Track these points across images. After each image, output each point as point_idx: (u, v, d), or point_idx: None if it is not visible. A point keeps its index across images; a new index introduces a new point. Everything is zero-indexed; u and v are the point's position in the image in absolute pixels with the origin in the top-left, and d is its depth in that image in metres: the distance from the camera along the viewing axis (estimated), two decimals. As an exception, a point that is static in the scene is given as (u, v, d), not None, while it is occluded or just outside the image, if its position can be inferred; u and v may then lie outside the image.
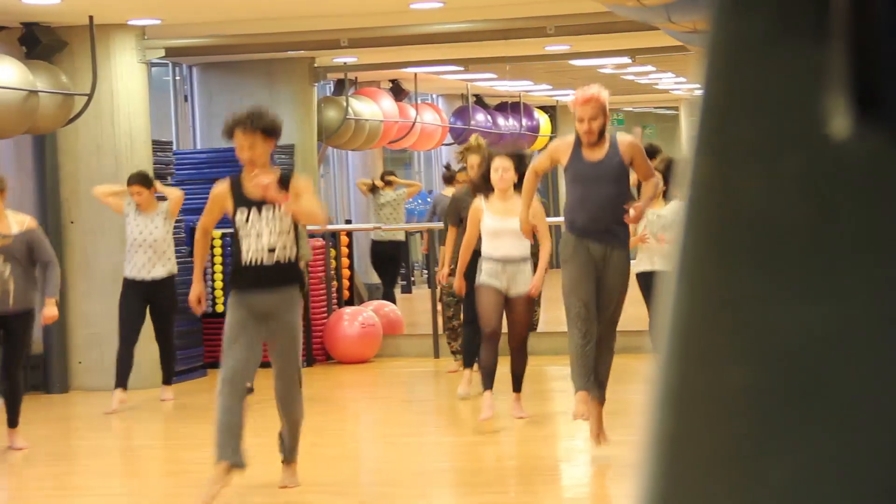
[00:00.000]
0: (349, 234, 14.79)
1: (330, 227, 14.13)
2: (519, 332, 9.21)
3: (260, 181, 6.90)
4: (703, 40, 0.84)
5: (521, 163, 9.05)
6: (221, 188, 7.33)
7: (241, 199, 7.18)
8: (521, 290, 9.10)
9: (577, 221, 7.87)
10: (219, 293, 13.40)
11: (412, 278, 21.00)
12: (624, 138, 8.04)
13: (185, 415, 11.24)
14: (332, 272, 13.88)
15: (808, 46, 0.80)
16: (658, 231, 9.83)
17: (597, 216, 7.81)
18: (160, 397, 11.29)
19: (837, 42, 0.78)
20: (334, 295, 13.85)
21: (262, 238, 7.15)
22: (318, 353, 13.51)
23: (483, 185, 9.20)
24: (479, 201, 9.25)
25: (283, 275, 7.16)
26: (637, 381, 10.84)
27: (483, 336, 9.22)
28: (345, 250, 14.34)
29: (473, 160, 10.23)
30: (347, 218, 18.52)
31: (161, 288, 11.03)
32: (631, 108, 28.12)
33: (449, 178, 14.67)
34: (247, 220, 7.17)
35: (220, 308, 13.38)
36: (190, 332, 13.04)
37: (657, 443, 0.76)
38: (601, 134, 7.81)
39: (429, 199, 18.85)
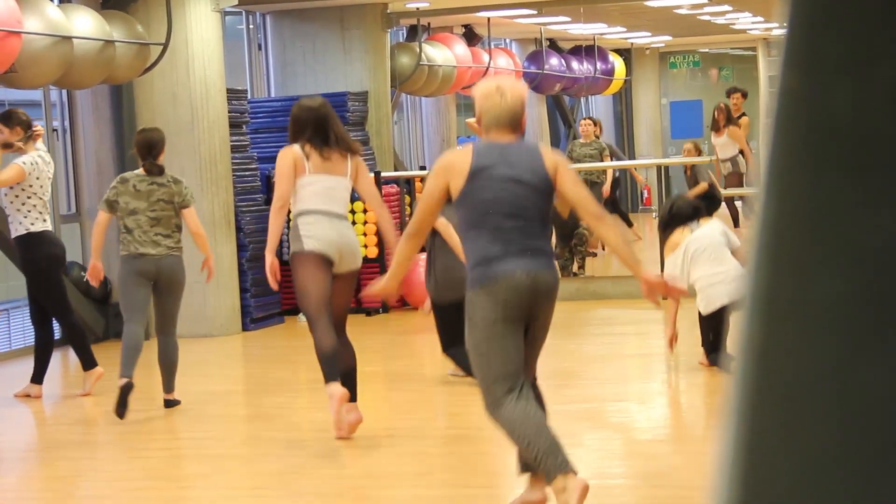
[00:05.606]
0: (423, 180, 14.80)
1: (404, 173, 14.14)
2: None
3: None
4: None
5: None
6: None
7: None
8: None
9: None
10: (295, 240, 13.48)
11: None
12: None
13: (264, 361, 11.36)
14: (407, 218, 13.91)
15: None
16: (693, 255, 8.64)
17: None
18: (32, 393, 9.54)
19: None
20: (410, 241, 13.87)
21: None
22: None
23: None
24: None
25: None
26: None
27: None
28: (419, 196, 14.36)
29: None
30: (422, 164, 18.52)
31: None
32: (707, 50, 27.82)
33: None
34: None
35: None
36: (266, 279, 13.13)
37: (748, 353, 0.76)
38: None
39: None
